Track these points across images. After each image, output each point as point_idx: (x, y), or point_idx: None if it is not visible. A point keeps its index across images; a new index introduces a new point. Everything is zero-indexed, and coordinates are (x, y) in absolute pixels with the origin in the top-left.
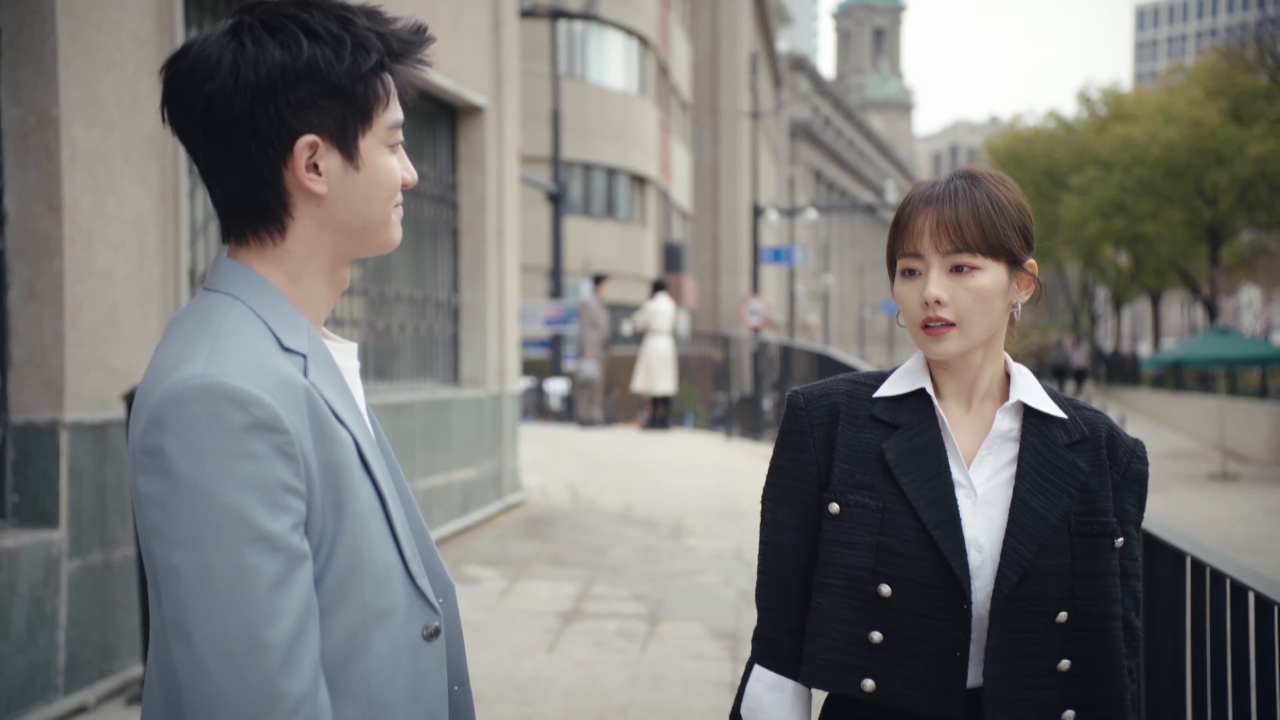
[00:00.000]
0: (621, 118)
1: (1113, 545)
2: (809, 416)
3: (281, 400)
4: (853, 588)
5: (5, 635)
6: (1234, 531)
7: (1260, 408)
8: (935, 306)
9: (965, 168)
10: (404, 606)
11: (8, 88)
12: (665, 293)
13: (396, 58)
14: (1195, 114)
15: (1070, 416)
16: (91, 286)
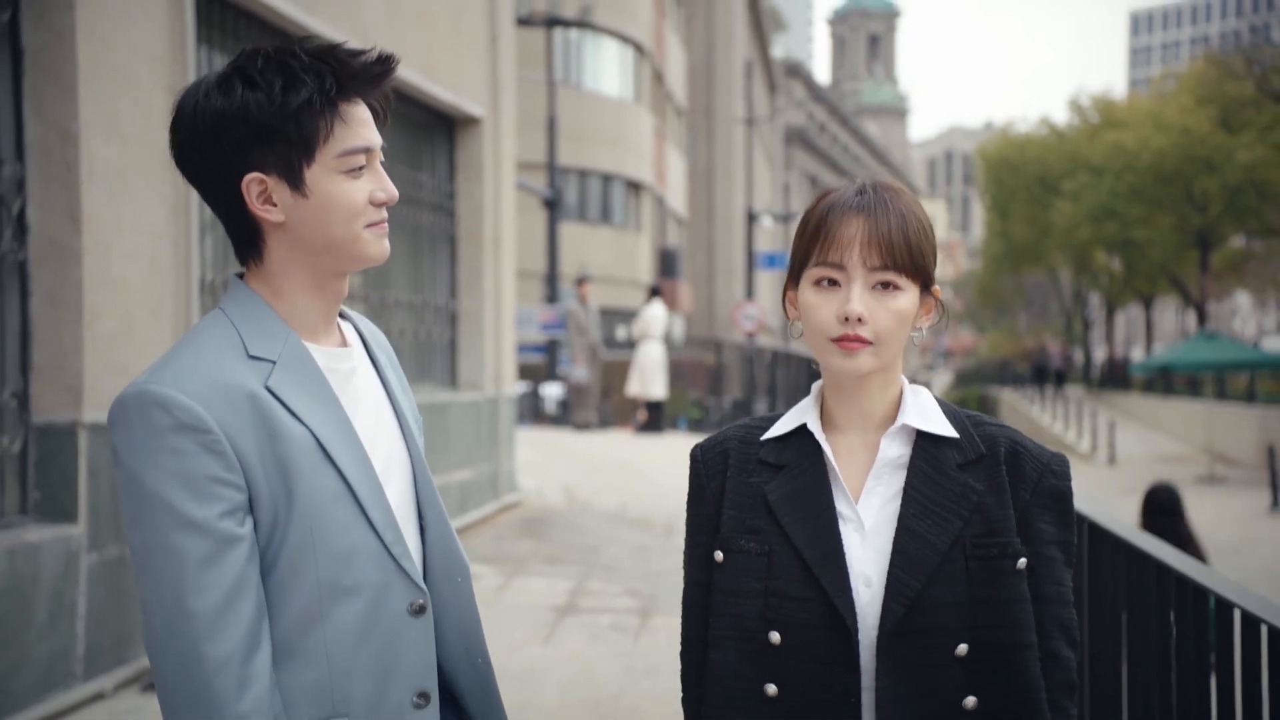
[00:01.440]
0: (616, 124)
1: (1014, 567)
2: (705, 469)
3: (213, 405)
4: (743, 638)
5: (29, 625)
6: (1218, 534)
7: (1248, 411)
8: (855, 324)
9: (876, 179)
10: (379, 584)
11: (31, 105)
12: (659, 299)
13: (342, 92)
14: (1185, 121)
15: (965, 435)
16: (108, 294)
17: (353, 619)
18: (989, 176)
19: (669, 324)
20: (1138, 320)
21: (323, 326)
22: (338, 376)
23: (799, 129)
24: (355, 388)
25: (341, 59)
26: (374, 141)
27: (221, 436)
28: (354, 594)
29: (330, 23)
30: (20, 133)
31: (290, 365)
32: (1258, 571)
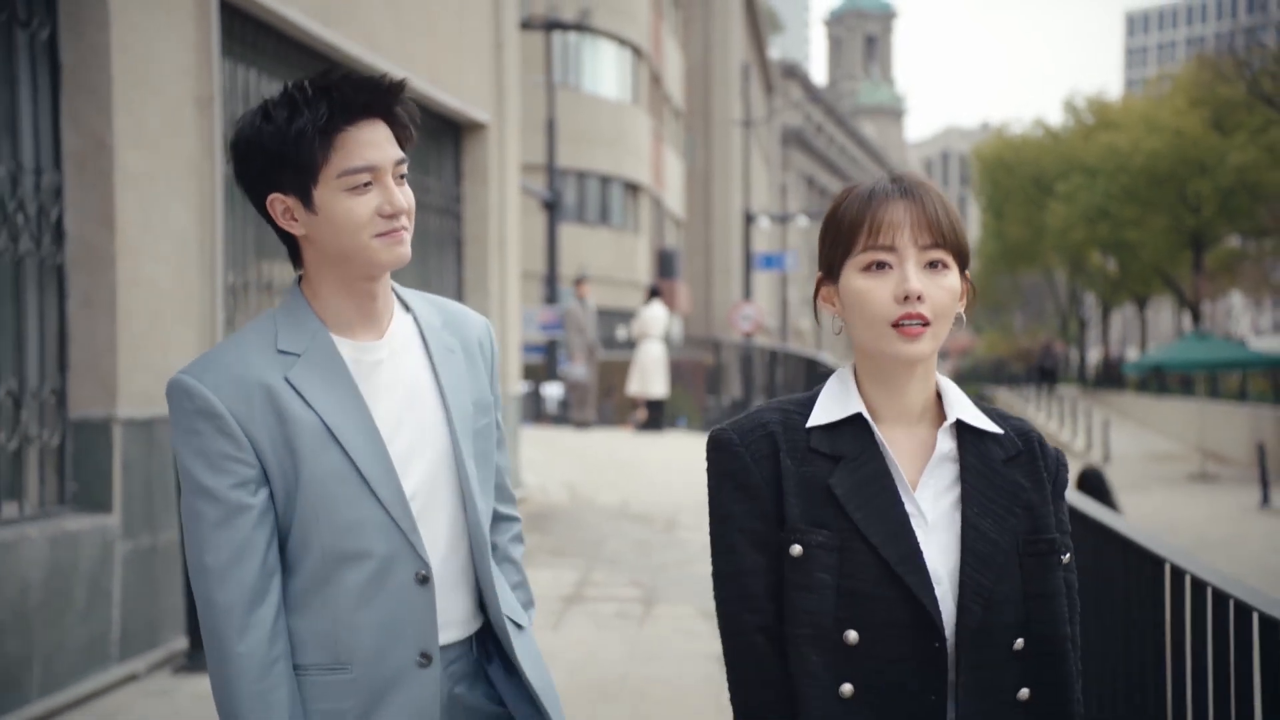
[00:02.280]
0: (615, 126)
1: (1060, 562)
2: (749, 452)
3: (225, 394)
4: (817, 635)
5: (68, 609)
6: (1209, 531)
7: (1239, 410)
8: (916, 302)
9: (900, 172)
10: (386, 554)
11: (68, 117)
12: (659, 299)
13: (337, 119)
14: (1178, 123)
15: (1005, 431)
16: (140, 295)
17: (356, 583)
18: (984, 177)
19: (668, 324)
20: (1134, 320)
21: (359, 321)
22: (362, 367)
23: (796, 130)
24: (382, 377)
25: (341, 88)
26: (376, 160)
27: (232, 421)
28: (360, 561)
29: (344, 34)
30: (58, 143)
31: (313, 357)
32: (1246, 567)
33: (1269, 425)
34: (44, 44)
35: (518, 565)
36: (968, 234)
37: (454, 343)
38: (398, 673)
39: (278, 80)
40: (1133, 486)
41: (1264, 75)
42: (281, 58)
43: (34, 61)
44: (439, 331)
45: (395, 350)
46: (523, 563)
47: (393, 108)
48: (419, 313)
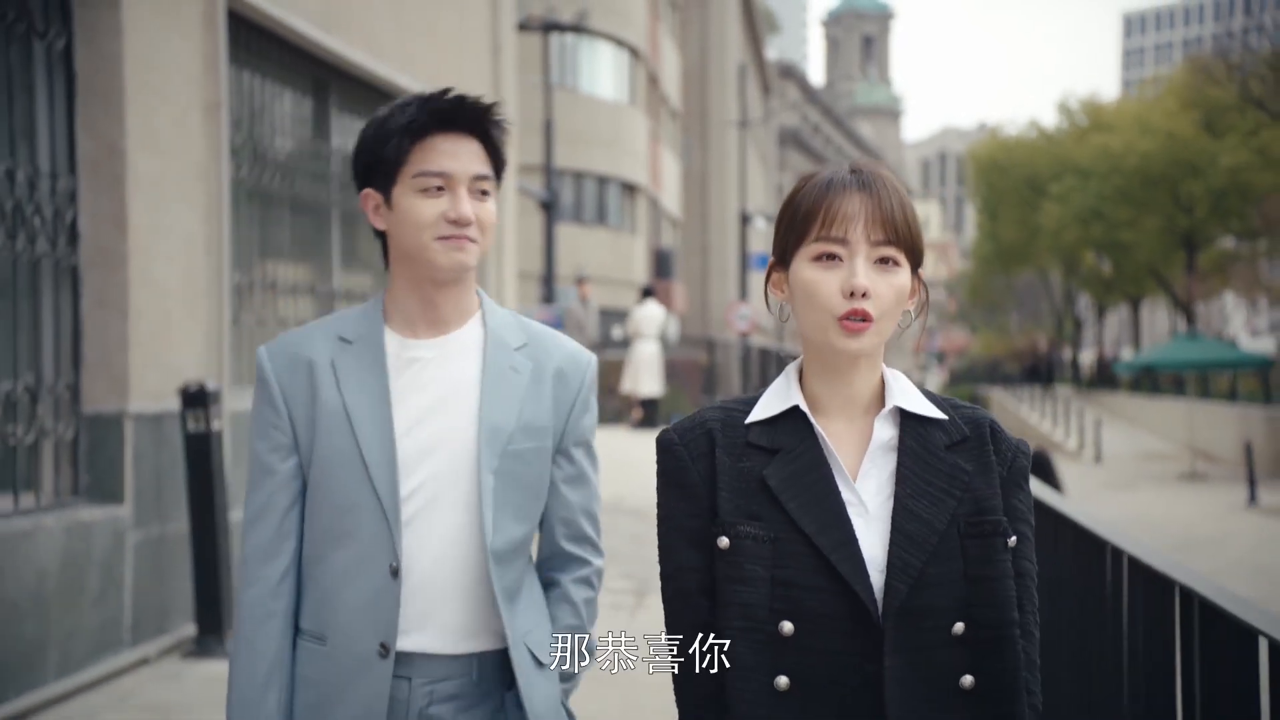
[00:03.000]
0: (612, 127)
1: (1005, 545)
2: (686, 450)
3: (278, 367)
4: (751, 628)
5: (83, 595)
6: (1197, 529)
7: (1230, 410)
8: (861, 299)
9: (859, 161)
10: (370, 538)
11: (83, 123)
12: (654, 298)
13: (424, 126)
14: (1170, 126)
15: (950, 417)
16: (150, 295)
17: (342, 562)
18: (978, 179)
19: (664, 323)
20: (1129, 321)
21: (421, 322)
22: (401, 361)
23: (793, 130)
24: (420, 374)
25: (439, 100)
26: (450, 168)
27: (277, 391)
28: (347, 541)
29: (346, 41)
30: (73, 149)
31: (361, 346)
32: (1231, 564)
33: (1258, 425)
34: (60, 53)
35: (577, 608)
36: (921, 234)
37: (524, 364)
38: (362, 660)
39: (281, 86)
40: (1123, 485)
41: (1254, 79)
42: (285, 64)
43: (50, 70)
44: (509, 350)
45: (446, 354)
46: (587, 608)
47: (486, 126)
48: (494, 329)
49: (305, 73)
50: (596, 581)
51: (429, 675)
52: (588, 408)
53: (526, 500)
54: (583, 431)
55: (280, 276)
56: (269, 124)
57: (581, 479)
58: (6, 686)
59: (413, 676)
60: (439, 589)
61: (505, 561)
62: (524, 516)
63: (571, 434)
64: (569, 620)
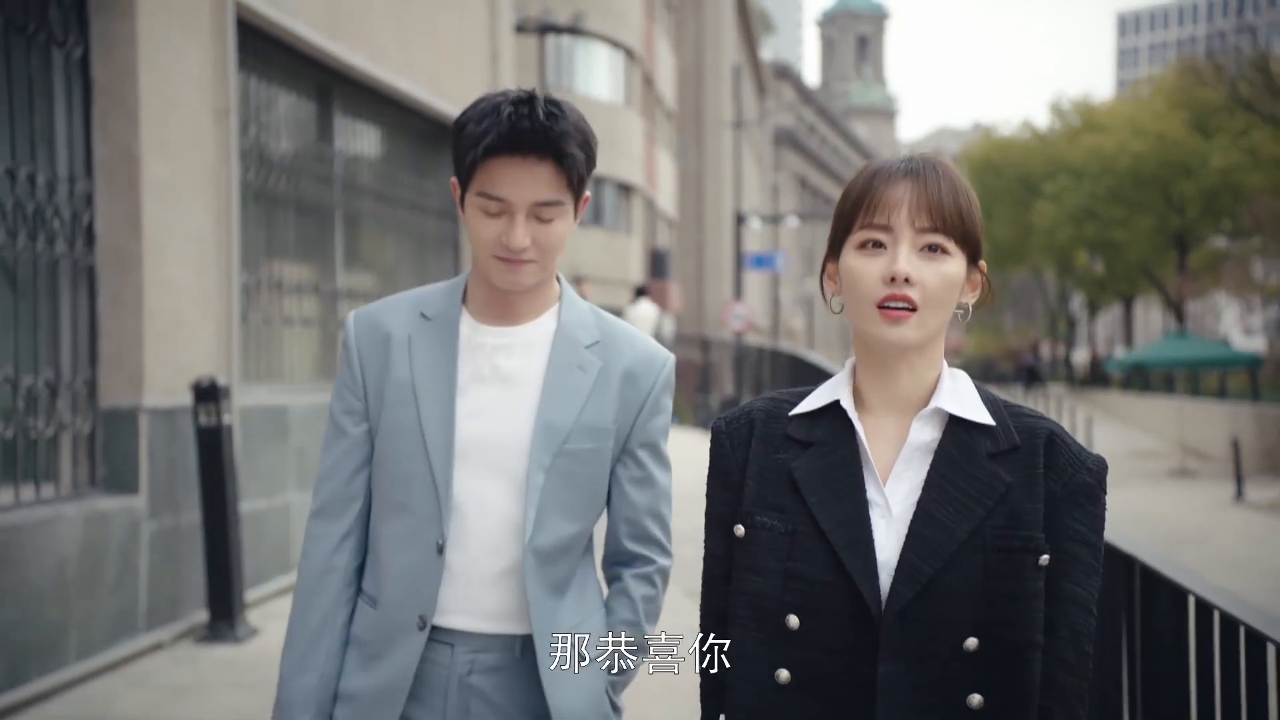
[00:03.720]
0: (608, 128)
1: (1036, 564)
2: (730, 439)
3: (361, 334)
4: (759, 619)
5: (101, 582)
6: (1184, 524)
7: (1219, 407)
8: (903, 285)
9: (918, 152)
10: (425, 512)
11: (99, 129)
12: (646, 298)
13: (510, 148)
14: (1160, 127)
15: (1001, 424)
16: (163, 294)
17: (398, 532)
18: (972, 178)
19: (659, 323)
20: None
21: (494, 311)
22: (471, 345)
23: (788, 131)
24: (489, 361)
25: (508, 119)
26: (509, 196)
27: (356, 357)
28: (404, 512)
29: (350, 47)
30: (89, 153)
31: (437, 325)
32: (1216, 558)
33: (1247, 422)
34: (77, 62)
35: (634, 603)
36: (979, 225)
37: (591, 362)
38: (402, 628)
39: (286, 91)
40: (1114, 483)
41: (1242, 81)
42: (290, 69)
43: (69, 78)
44: (578, 347)
45: (516, 344)
46: (646, 605)
47: (560, 148)
48: (566, 323)
49: (309, 78)
50: (659, 580)
51: (472, 646)
52: (658, 410)
53: (582, 499)
54: (650, 434)
55: (286, 276)
56: (275, 128)
57: (648, 480)
58: (30, 667)
59: (455, 644)
60: (482, 578)
61: (551, 559)
62: (577, 515)
63: (639, 435)
64: (624, 615)
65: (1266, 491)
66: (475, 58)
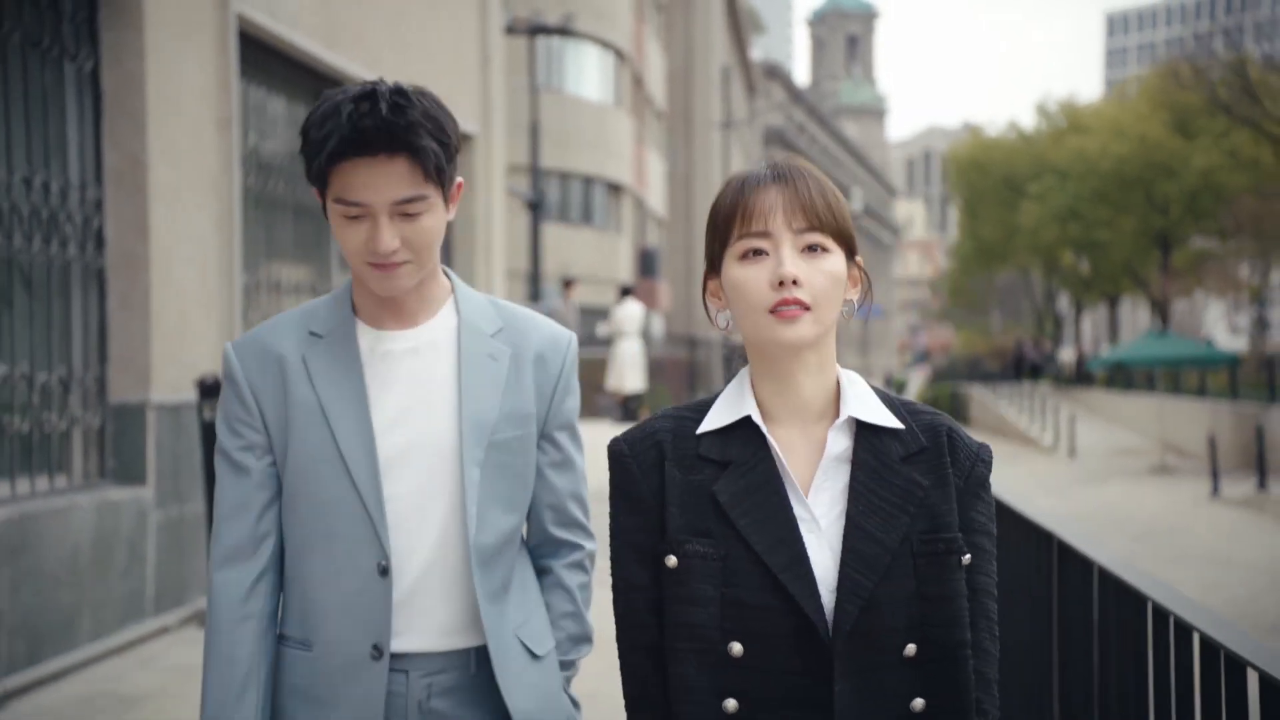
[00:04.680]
0: (597, 128)
1: (960, 564)
2: (637, 462)
3: (247, 364)
4: (701, 649)
5: (111, 568)
6: (1160, 519)
7: (1199, 405)
8: (792, 287)
9: (776, 158)
10: (354, 537)
11: (108, 137)
12: (633, 297)
13: (357, 150)
14: (1143, 128)
15: (907, 425)
16: (169, 295)
17: (324, 563)
18: (958, 178)
19: (647, 321)
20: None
21: (386, 315)
22: (375, 355)
23: (778, 130)
24: (397, 368)
25: (348, 121)
26: (366, 199)
27: (246, 388)
28: (329, 541)
29: (346, 57)
30: (99, 161)
31: (332, 340)
32: (1188, 553)
33: (1225, 420)
34: (88, 74)
35: (571, 594)
36: (850, 221)
37: (501, 350)
38: (352, 662)
39: (284, 98)
40: (1095, 480)
41: (1221, 84)
42: (288, 78)
43: (80, 89)
44: (483, 337)
45: (420, 345)
46: (582, 593)
47: (411, 143)
48: (467, 315)
49: (306, 85)
50: (589, 565)
51: (426, 669)
52: (569, 390)
53: (515, 490)
54: (566, 415)
55: (283, 277)
56: (273, 134)
57: (567, 463)
58: (45, 648)
59: (409, 670)
60: (429, 590)
61: (493, 556)
62: (514, 506)
63: (555, 418)
64: (564, 607)
65: (1241, 487)
66: (467, 63)
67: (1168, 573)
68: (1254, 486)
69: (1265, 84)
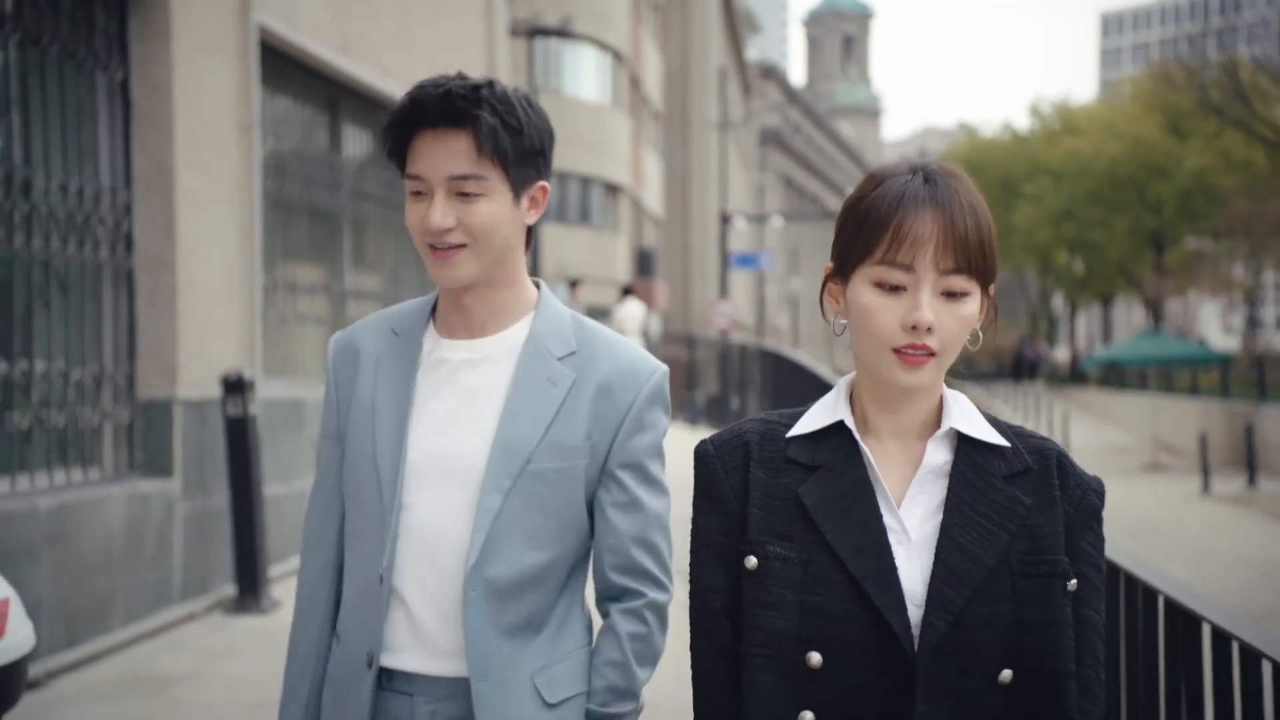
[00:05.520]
0: (595, 129)
1: (1065, 589)
2: (722, 463)
3: (337, 356)
4: (776, 657)
5: (141, 557)
6: (1151, 516)
7: (1191, 404)
8: (924, 334)
9: (937, 162)
10: (372, 540)
11: (138, 145)
12: (634, 296)
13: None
14: (1136, 129)
15: (1013, 445)
16: (194, 295)
17: (354, 561)
18: None
19: (646, 320)
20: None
21: (456, 322)
22: (431, 361)
23: (774, 130)
24: (447, 377)
25: (415, 94)
26: (423, 172)
27: (333, 379)
28: (359, 540)
29: (358, 64)
30: (129, 166)
31: (401, 342)
32: (1178, 548)
33: (1217, 418)
34: (118, 85)
35: (620, 641)
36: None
37: (565, 376)
38: (356, 666)
39: (300, 104)
40: None
41: (1212, 86)
42: (304, 84)
43: (111, 99)
44: (549, 360)
45: (479, 358)
46: (634, 643)
47: (474, 115)
48: (538, 333)
49: (320, 92)
50: (651, 617)
51: (432, 694)
52: (641, 426)
53: (549, 525)
54: (633, 453)
55: (299, 277)
56: (289, 139)
57: (633, 505)
58: (81, 632)
59: (415, 694)
60: (430, 610)
61: (509, 593)
62: (546, 544)
63: (618, 455)
64: (610, 655)
65: (1231, 484)
66: (473, 70)
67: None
68: (1244, 483)
69: (1255, 86)
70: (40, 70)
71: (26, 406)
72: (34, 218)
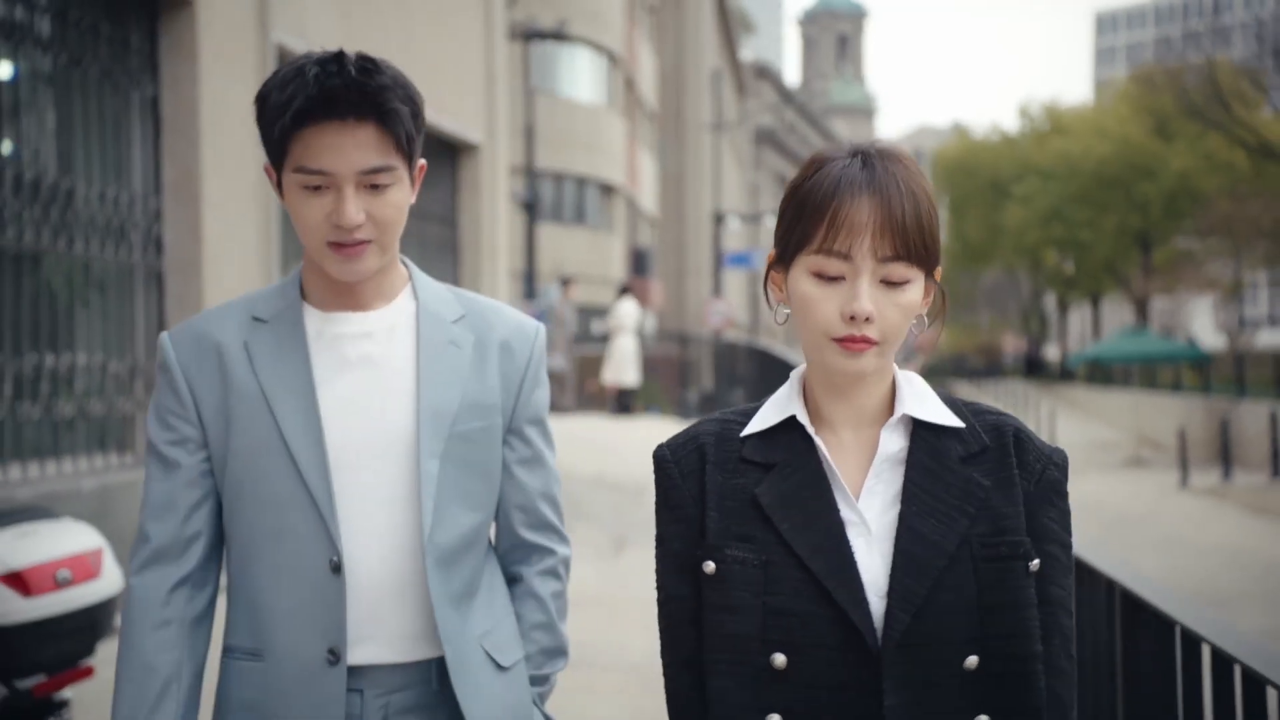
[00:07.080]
0: (591, 129)
1: (1027, 569)
2: (679, 468)
3: (183, 353)
4: (740, 661)
5: None
6: (1129, 508)
7: (1173, 400)
8: (864, 324)
9: (878, 143)
10: (304, 533)
11: (167, 154)
12: (630, 295)
13: (325, 112)
14: (1123, 131)
15: (969, 425)
16: (219, 295)
17: (274, 563)
18: (945, 180)
19: (642, 319)
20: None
21: (337, 300)
22: (325, 339)
23: (768, 130)
24: (349, 352)
25: (330, 77)
26: (332, 166)
27: (180, 378)
28: (278, 539)
29: None
30: (159, 175)
31: (277, 325)
32: (1153, 539)
33: (1197, 414)
34: (150, 100)
35: (543, 603)
36: (938, 234)
37: (464, 337)
38: (307, 670)
39: None
40: (1072, 472)
41: (1195, 91)
42: None
43: (143, 114)
44: (444, 323)
45: (375, 329)
46: (555, 602)
47: (381, 107)
48: (426, 301)
49: None
50: (564, 572)
51: (383, 686)
52: (538, 382)
53: (478, 486)
54: (535, 408)
55: None
56: None
57: (537, 460)
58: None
59: (365, 689)
60: (386, 591)
61: (454, 558)
62: (477, 504)
63: (523, 411)
64: (536, 617)
65: (1208, 478)
66: (473, 80)
67: (1134, 556)
68: (1219, 477)
69: (1235, 90)
70: (82, 89)
71: (69, 396)
72: (75, 224)
